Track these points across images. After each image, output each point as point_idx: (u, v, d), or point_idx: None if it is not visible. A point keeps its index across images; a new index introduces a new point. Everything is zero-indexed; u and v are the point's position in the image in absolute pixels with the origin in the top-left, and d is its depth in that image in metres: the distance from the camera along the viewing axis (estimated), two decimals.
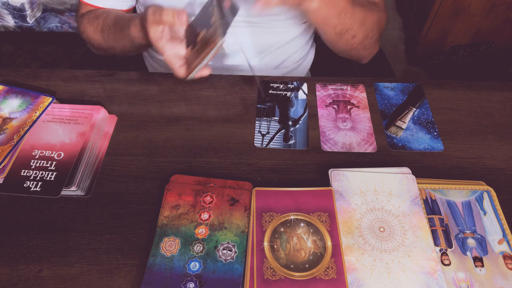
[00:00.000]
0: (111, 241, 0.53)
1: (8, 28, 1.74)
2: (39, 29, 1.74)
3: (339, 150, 0.64)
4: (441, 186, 0.58)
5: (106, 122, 0.66)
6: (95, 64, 0.70)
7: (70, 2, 1.66)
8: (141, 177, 0.60)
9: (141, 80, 0.74)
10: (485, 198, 0.57)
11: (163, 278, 0.49)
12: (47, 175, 0.57)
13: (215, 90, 0.73)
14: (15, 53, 1.81)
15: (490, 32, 1.73)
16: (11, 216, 0.56)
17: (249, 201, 0.56)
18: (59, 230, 0.54)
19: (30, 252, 0.52)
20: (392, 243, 0.52)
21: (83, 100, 0.70)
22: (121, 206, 0.57)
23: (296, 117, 0.68)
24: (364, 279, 0.49)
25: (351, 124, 0.67)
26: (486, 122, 0.68)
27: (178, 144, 0.64)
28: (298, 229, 0.53)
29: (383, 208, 0.55)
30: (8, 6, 1.65)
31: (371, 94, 0.72)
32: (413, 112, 0.69)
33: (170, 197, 0.56)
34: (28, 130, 0.62)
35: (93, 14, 0.80)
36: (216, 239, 0.52)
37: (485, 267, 0.51)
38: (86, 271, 0.51)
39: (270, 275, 0.49)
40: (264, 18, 0.79)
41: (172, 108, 0.70)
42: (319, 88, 0.73)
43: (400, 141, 0.65)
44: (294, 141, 0.65)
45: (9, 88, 0.68)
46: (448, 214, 0.55)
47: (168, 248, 0.51)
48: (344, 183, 0.57)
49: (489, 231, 0.54)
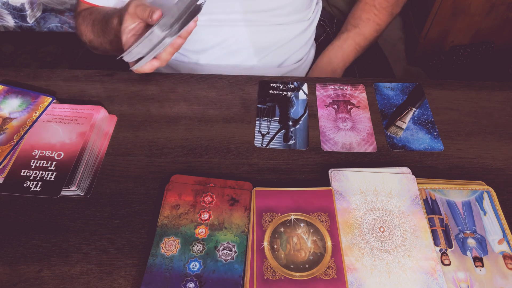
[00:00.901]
0: (111, 241, 0.53)
1: (8, 28, 1.74)
2: (39, 29, 1.74)
3: (339, 150, 0.64)
4: (441, 186, 0.58)
5: (106, 122, 0.66)
6: (95, 64, 0.70)
7: (70, 2, 1.66)
8: (141, 177, 0.60)
9: (141, 80, 0.74)
10: (485, 198, 0.57)
11: (163, 278, 0.49)
12: (47, 175, 0.57)
13: (215, 90, 0.73)
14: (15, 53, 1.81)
15: (490, 32, 1.73)
16: (11, 216, 0.56)
17: (249, 201, 0.56)
18: (59, 230, 0.54)
19: (30, 252, 0.52)
20: (392, 243, 0.52)
21: (83, 100, 0.70)
22: (121, 206, 0.57)
23: (296, 117, 0.68)
24: (364, 279, 0.49)
25: (351, 124, 0.67)
26: (486, 122, 0.68)
27: (178, 144, 0.64)
28: (298, 229, 0.53)
29: (383, 208, 0.55)
30: (8, 6, 1.65)
31: (371, 94, 0.72)
32: (413, 112, 0.69)
33: (170, 197, 0.56)
34: (28, 130, 0.62)
35: (88, 11, 0.80)
36: (216, 239, 0.52)
37: (485, 267, 0.51)
38: (86, 271, 0.51)
39: (270, 275, 0.49)
40: (264, 17, 0.79)
41: (172, 108, 0.70)
42: (319, 88, 0.73)
43: (400, 141, 0.65)
44: (294, 141, 0.65)
45: (9, 88, 0.68)
46: (448, 214, 0.55)
47: (168, 248, 0.51)
48: (344, 183, 0.57)
49: (489, 231, 0.54)
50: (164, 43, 0.57)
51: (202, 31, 0.80)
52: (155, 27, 0.55)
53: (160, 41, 0.56)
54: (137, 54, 0.59)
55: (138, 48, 0.57)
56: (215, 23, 0.79)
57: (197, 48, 0.83)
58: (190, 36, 0.81)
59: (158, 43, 0.57)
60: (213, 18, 0.78)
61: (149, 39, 0.56)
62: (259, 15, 0.78)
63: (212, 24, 0.79)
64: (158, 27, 0.55)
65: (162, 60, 0.61)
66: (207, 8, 0.77)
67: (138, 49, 0.57)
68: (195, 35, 0.81)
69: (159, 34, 0.56)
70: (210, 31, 0.80)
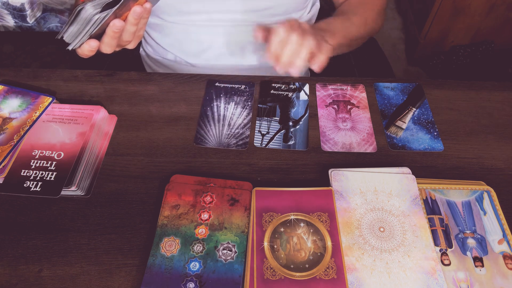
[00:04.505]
0: (111, 241, 0.53)
1: (8, 28, 1.74)
2: (39, 29, 1.74)
3: (339, 150, 0.63)
4: (441, 186, 0.58)
5: (106, 122, 0.66)
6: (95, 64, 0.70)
7: (70, 2, 1.66)
8: (141, 177, 0.60)
9: (141, 80, 0.74)
10: (485, 198, 0.57)
11: (163, 278, 0.49)
12: (47, 175, 0.57)
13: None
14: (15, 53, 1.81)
15: (490, 32, 1.73)
16: (11, 216, 0.56)
17: (249, 201, 0.56)
18: (59, 230, 0.54)
19: (30, 252, 0.52)
20: (392, 243, 0.52)
21: (83, 100, 0.70)
22: (121, 206, 0.57)
23: (297, 118, 0.68)
24: (364, 279, 0.49)
25: (351, 124, 0.67)
26: (486, 122, 0.68)
27: (178, 144, 0.64)
28: (298, 229, 0.53)
29: (383, 208, 0.55)
30: (8, 6, 1.65)
31: (371, 94, 0.72)
32: (413, 112, 0.69)
33: (170, 197, 0.56)
34: (28, 130, 0.62)
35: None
36: (216, 239, 0.52)
37: (485, 267, 0.51)
38: (86, 271, 0.51)
39: (270, 275, 0.49)
40: (261, 16, 0.79)
41: (172, 108, 0.70)
42: (319, 88, 0.73)
43: (400, 141, 0.65)
44: (294, 141, 0.65)
45: (9, 88, 0.68)
46: (448, 214, 0.55)
47: (168, 248, 0.51)
48: (344, 183, 0.57)
49: (489, 231, 0.54)
50: (94, 20, 0.55)
51: (200, 31, 0.80)
52: (87, 4, 0.54)
53: (91, 18, 0.55)
54: (73, 33, 0.57)
55: (72, 27, 0.56)
56: (213, 22, 0.79)
57: (195, 48, 0.83)
58: (188, 36, 0.82)
59: (89, 20, 0.55)
60: (211, 17, 0.78)
61: (81, 16, 0.55)
62: (256, 14, 0.78)
63: (210, 24, 0.79)
64: (91, 4, 0.54)
65: (104, 44, 0.58)
66: (205, 7, 0.77)
67: (72, 27, 0.56)
68: (193, 35, 0.82)
69: (90, 11, 0.54)
70: (208, 31, 0.80)
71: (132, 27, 0.58)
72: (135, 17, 0.56)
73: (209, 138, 0.64)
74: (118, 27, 0.56)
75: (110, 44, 0.58)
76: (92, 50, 0.58)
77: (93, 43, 0.57)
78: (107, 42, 0.58)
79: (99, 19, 0.55)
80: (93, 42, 0.57)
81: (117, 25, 0.56)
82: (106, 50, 0.59)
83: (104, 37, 0.58)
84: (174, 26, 0.81)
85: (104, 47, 0.59)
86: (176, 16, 0.79)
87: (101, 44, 0.58)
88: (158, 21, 0.81)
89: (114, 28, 0.56)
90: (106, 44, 0.58)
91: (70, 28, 0.56)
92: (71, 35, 0.57)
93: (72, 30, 0.56)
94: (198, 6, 0.76)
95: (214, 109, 0.69)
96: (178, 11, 0.78)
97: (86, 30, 0.55)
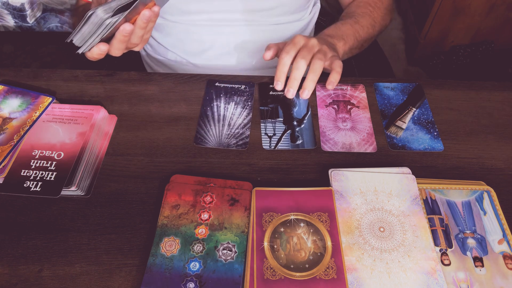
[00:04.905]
0: (111, 241, 0.53)
1: (8, 28, 1.74)
2: (39, 29, 1.74)
3: (339, 150, 0.63)
4: (441, 186, 0.58)
5: (106, 122, 0.66)
6: (95, 64, 0.70)
7: (70, 2, 1.66)
8: (141, 177, 0.60)
9: (141, 80, 0.74)
10: (485, 198, 0.57)
11: (163, 278, 0.49)
12: (47, 175, 0.57)
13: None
14: (15, 53, 1.81)
15: (490, 32, 1.73)
16: (11, 216, 0.56)
17: (249, 201, 0.56)
18: (59, 230, 0.54)
19: (30, 252, 0.52)
20: (392, 243, 0.52)
21: (83, 100, 0.70)
22: (121, 206, 0.57)
23: (300, 117, 0.68)
24: (364, 279, 0.49)
25: (351, 124, 0.67)
26: (486, 122, 0.68)
27: (178, 144, 0.64)
28: (298, 229, 0.53)
29: (383, 208, 0.55)
30: (8, 6, 1.65)
31: (371, 94, 0.72)
32: (413, 112, 0.69)
33: (170, 197, 0.56)
34: (28, 130, 0.62)
35: (83, 7, 0.80)
36: (216, 239, 0.52)
37: (485, 267, 0.51)
38: (86, 271, 0.51)
39: (270, 275, 0.49)
40: (262, 16, 0.79)
41: (172, 108, 0.70)
42: (319, 88, 0.73)
43: (400, 141, 0.65)
44: (302, 141, 0.64)
45: (9, 88, 0.68)
46: (448, 214, 0.55)
47: (168, 248, 0.51)
48: (344, 183, 0.57)
49: (489, 231, 0.54)
50: (105, 24, 0.55)
51: (201, 31, 0.80)
52: (98, 8, 0.54)
53: (102, 23, 0.55)
54: (84, 36, 0.57)
55: (82, 30, 0.56)
56: (215, 22, 0.79)
57: (196, 48, 0.83)
58: (189, 36, 0.82)
59: (100, 24, 0.55)
60: (212, 17, 0.78)
61: (91, 21, 0.55)
62: (257, 14, 0.78)
63: (211, 24, 0.79)
64: (102, 8, 0.54)
65: (114, 47, 0.59)
66: (206, 7, 0.78)
67: (83, 30, 0.56)
68: (194, 34, 0.82)
69: (101, 15, 0.55)
70: (209, 31, 0.80)
71: (140, 31, 0.58)
72: (144, 20, 0.57)
73: (209, 138, 0.64)
74: (128, 31, 0.57)
75: (119, 48, 0.59)
76: (102, 54, 0.59)
77: (103, 46, 0.58)
78: (116, 45, 0.59)
79: (110, 24, 0.55)
80: (103, 46, 0.58)
81: (127, 29, 0.56)
82: (115, 53, 0.60)
83: (113, 41, 0.58)
84: (175, 25, 0.81)
85: (113, 51, 0.60)
86: (177, 16, 0.79)
87: (110, 48, 0.59)
88: (160, 21, 0.81)
89: (124, 32, 0.56)
90: (115, 48, 0.59)
91: (80, 32, 0.56)
92: (81, 39, 0.57)
93: (83, 34, 0.56)
94: (199, 6, 0.76)
95: (214, 109, 0.69)
96: (179, 10, 0.78)
97: (97, 34, 0.56)
